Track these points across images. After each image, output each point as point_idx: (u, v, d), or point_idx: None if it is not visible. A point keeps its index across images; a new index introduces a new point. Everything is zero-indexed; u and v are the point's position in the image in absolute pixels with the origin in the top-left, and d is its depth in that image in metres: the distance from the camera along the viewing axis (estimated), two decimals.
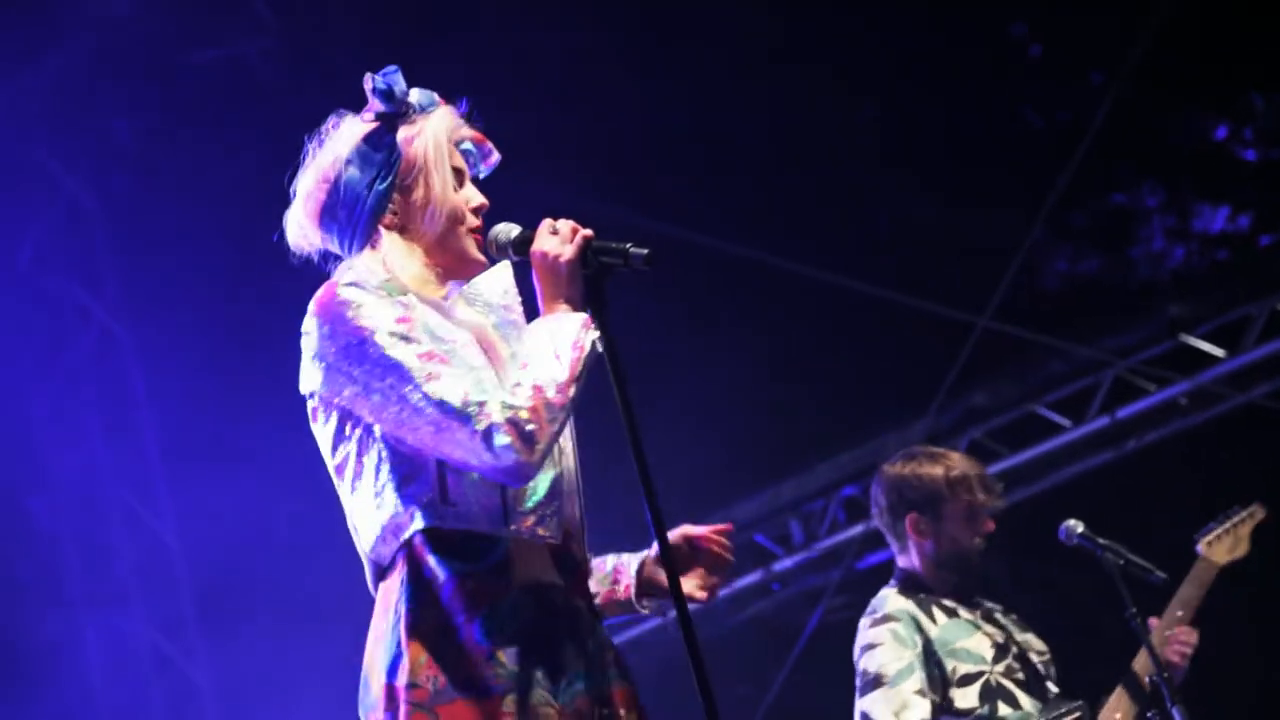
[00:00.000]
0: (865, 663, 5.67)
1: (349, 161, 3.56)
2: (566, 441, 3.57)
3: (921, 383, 9.57)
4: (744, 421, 9.76)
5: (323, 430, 3.48)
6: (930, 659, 5.63)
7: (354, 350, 3.34)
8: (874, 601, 5.82)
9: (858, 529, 9.99)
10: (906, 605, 5.75)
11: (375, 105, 3.60)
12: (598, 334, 3.45)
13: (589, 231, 3.53)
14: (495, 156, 3.72)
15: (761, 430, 9.89)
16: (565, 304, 3.47)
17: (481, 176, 3.71)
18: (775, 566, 10.39)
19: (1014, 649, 5.72)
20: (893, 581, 5.87)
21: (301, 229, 3.63)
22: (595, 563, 3.71)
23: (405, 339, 3.33)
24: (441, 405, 3.27)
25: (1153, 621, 5.80)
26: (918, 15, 9.01)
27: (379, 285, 3.44)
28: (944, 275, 9.47)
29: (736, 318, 9.52)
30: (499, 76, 8.52)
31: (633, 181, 9.00)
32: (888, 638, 5.66)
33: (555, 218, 3.56)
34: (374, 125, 3.59)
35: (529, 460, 3.28)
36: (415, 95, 3.62)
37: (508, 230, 3.62)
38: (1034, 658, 5.77)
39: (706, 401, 9.61)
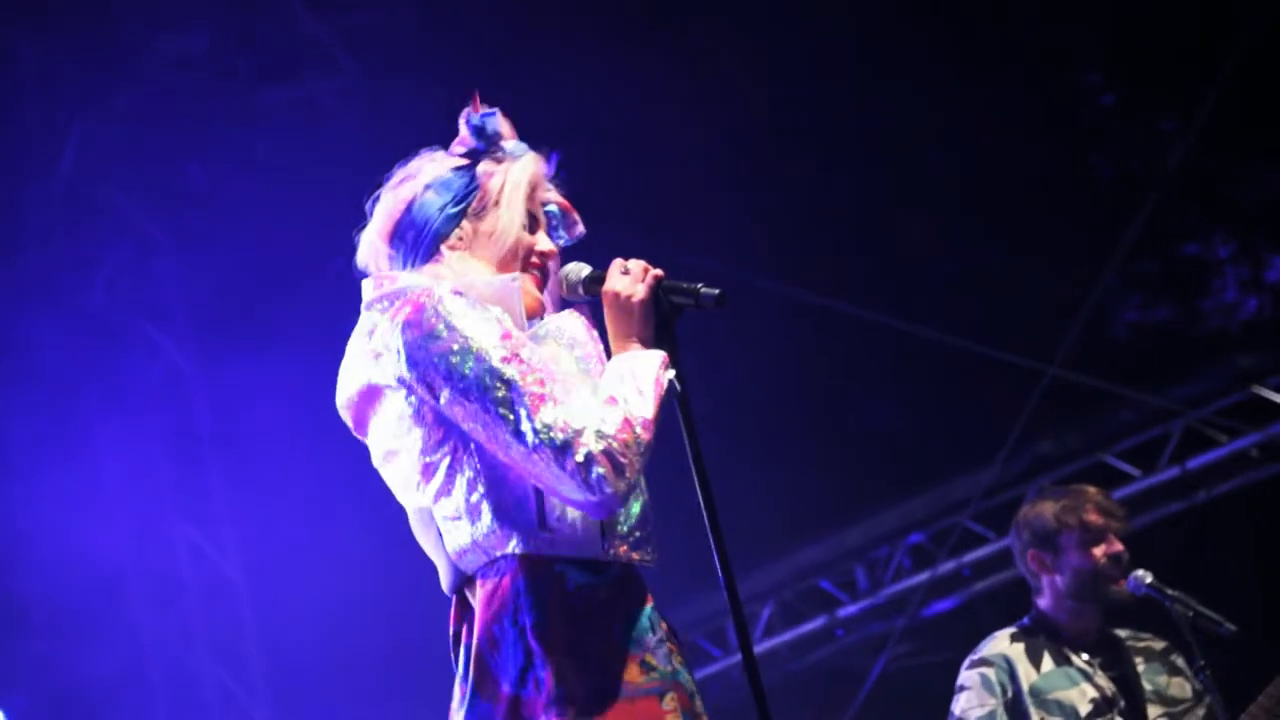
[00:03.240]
0: (953, 704, 5.71)
1: (428, 187, 3.60)
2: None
3: (990, 430, 9.53)
4: (811, 467, 9.75)
5: (406, 435, 3.43)
6: (1017, 707, 5.62)
7: (456, 358, 3.30)
8: (982, 641, 5.83)
9: (923, 576, 9.96)
10: (1008, 650, 5.74)
11: (466, 140, 3.65)
12: (674, 372, 3.46)
13: (660, 271, 3.53)
14: (580, 229, 3.73)
15: (828, 475, 9.87)
16: (638, 344, 3.48)
17: (562, 245, 3.72)
18: (840, 613, 10.35)
19: (1123, 703, 5.68)
20: (1023, 620, 5.85)
21: (371, 246, 3.64)
22: None
23: (513, 356, 3.29)
24: (543, 429, 3.23)
25: None
26: (990, 63, 9.00)
27: (481, 300, 3.42)
28: (1013, 323, 9.44)
29: (805, 362, 9.51)
30: (576, 121, 8.56)
31: (704, 224, 9.02)
32: (976, 681, 5.68)
33: (626, 258, 3.57)
34: (461, 161, 3.64)
35: (619, 492, 3.25)
36: (509, 142, 3.67)
37: (579, 269, 3.64)
38: (1154, 711, 5.71)
39: (774, 446, 9.60)
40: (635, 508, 3.44)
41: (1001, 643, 5.79)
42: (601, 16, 8.61)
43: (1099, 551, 5.78)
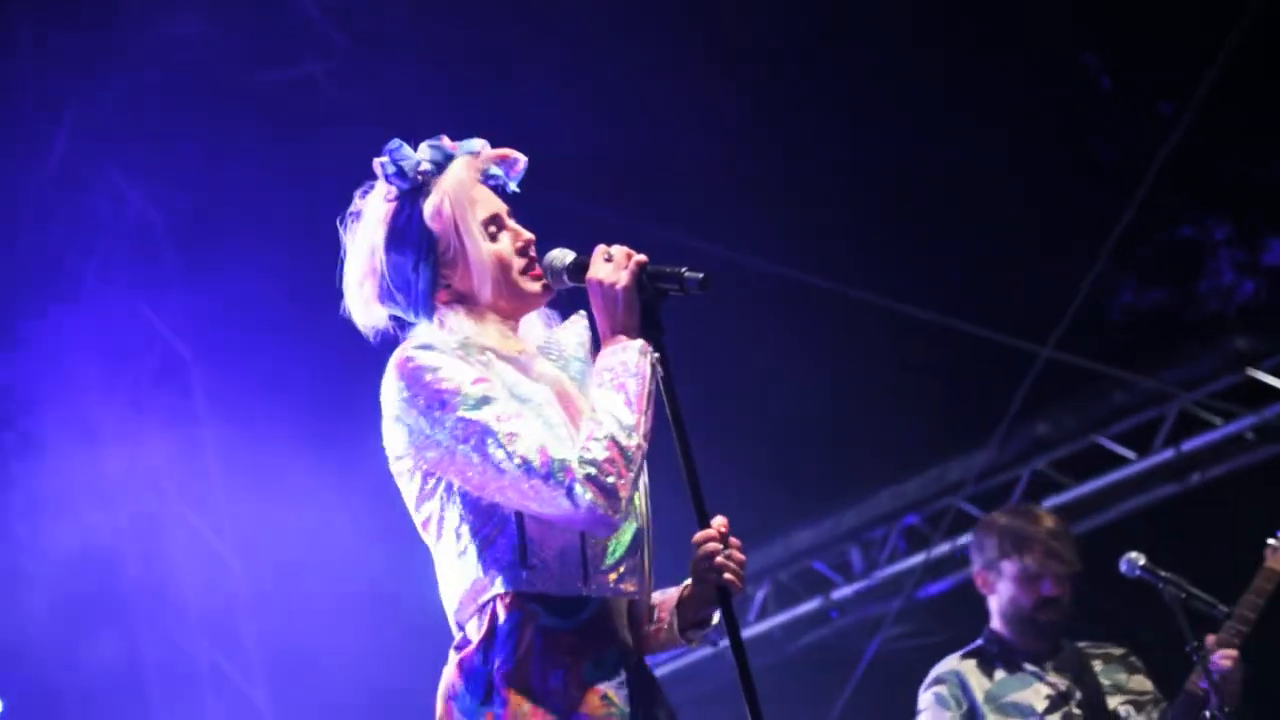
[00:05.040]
0: None
1: (386, 248, 3.61)
2: (643, 491, 3.58)
3: (985, 412, 9.53)
4: (806, 448, 9.75)
5: (407, 488, 3.52)
6: (974, 717, 5.67)
7: (434, 412, 3.38)
8: (935, 665, 5.91)
9: (918, 558, 9.97)
10: (959, 666, 5.85)
11: (392, 186, 3.63)
12: (656, 356, 3.47)
13: (643, 257, 3.53)
14: (521, 163, 3.73)
15: (823, 457, 9.88)
16: (623, 332, 3.49)
17: (514, 187, 3.71)
18: (834, 594, 10.36)
19: (1079, 695, 5.71)
20: (977, 640, 5.92)
21: (365, 314, 3.68)
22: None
23: (485, 399, 3.36)
24: (525, 463, 3.30)
25: (1210, 638, 5.75)
26: (988, 46, 8.99)
27: (456, 345, 3.47)
28: (1009, 304, 9.43)
29: (800, 344, 9.50)
30: (563, 98, 8.54)
31: (700, 206, 9.01)
32: (930, 701, 5.80)
33: (610, 243, 3.57)
34: (396, 203, 3.62)
35: (614, 511, 3.32)
36: (425, 154, 3.63)
37: (563, 256, 3.63)
38: (1115, 700, 5.75)
39: (769, 427, 9.60)
40: (626, 537, 3.47)
41: (952, 661, 5.90)
42: None
43: (1031, 593, 5.83)
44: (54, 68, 8.68)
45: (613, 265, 3.51)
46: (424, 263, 3.58)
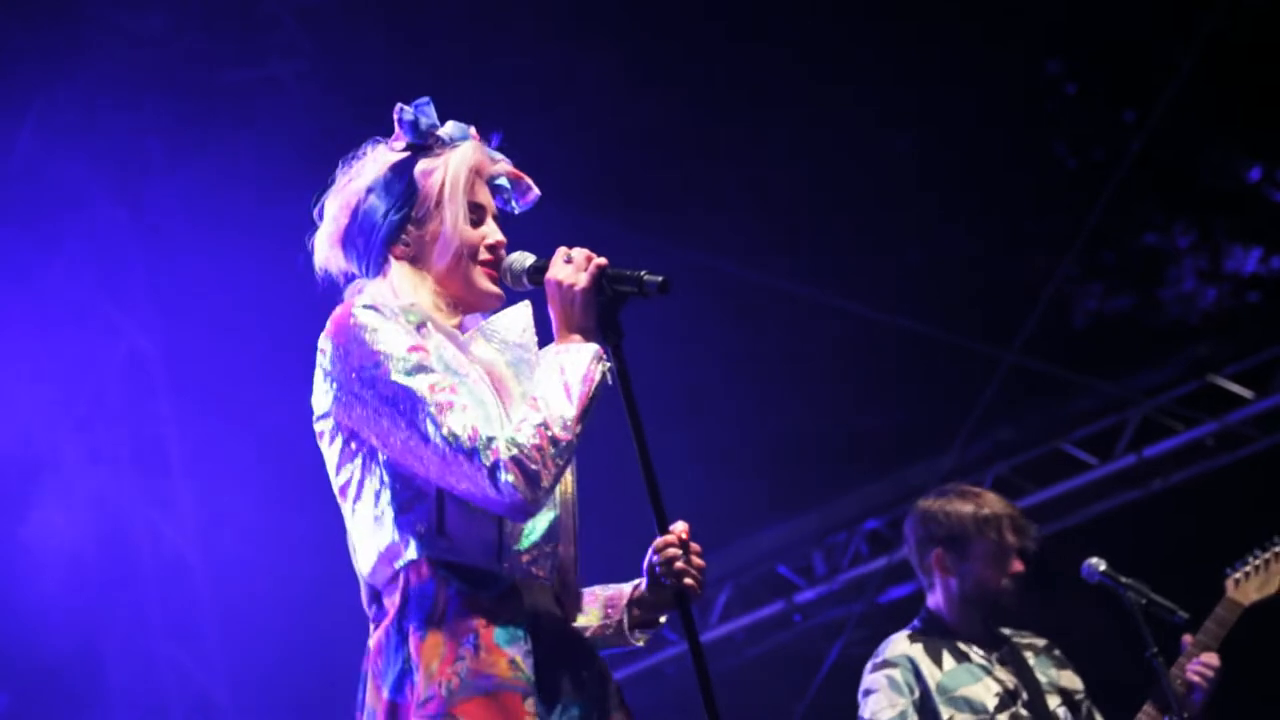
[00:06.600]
0: (861, 708, 5.71)
1: (371, 190, 3.62)
2: (568, 480, 3.59)
3: (948, 417, 9.55)
4: (768, 452, 9.76)
5: (329, 450, 3.52)
6: (926, 706, 5.63)
7: (367, 373, 3.37)
8: (882, 645, 5.83)
9: (880, 562, 9.98)
10: (910, 650, 5.73)
11: (403, 136, 3.64)
12: (610, 365, 3.47)
13: (603, 260, 3.53)
14: (534, 194, 3.75)
15: (786, 461, 9.88)
16: (579, 334, 3.49)
17: (517, 212, 3.73)
18: (797, 598, 10.37)
19: (1025, 694, 5.70)
20: (914, 622, 5.86)
21: (325, 251, 3.68)
22: (586, 595, 3.72)
23: (420, 368, 3.35)
24: (450, 437, 3.30)
25: (1188, 638, 5.76)
26: (953, 51, 9.01)
27: (399, 310, 3.46)
28: (973, 310, 9.46)
29: (763, 348, 9.51)
30: (528, 100, 8.54)
31: (663, 209, 9.01)
32: (883, 684, 5.67)
33: (570, 246, 3.58)
34: (401, 156, 3.64)
35: (532, 499, 3.31)
36: (448, 128, 3.67)
37: (522, 259, 3.64)
38: (1053, 701, 5.75)
39: (731, 431, 9.61)
40: (542, 524, 3.48)
41: (901, 644, 5.79)
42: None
43: (1001, 570, 5.79)
44: (18, 64, 8.65)
45: (572, 267, 3.52)
46: (395, 211, 3.59)
